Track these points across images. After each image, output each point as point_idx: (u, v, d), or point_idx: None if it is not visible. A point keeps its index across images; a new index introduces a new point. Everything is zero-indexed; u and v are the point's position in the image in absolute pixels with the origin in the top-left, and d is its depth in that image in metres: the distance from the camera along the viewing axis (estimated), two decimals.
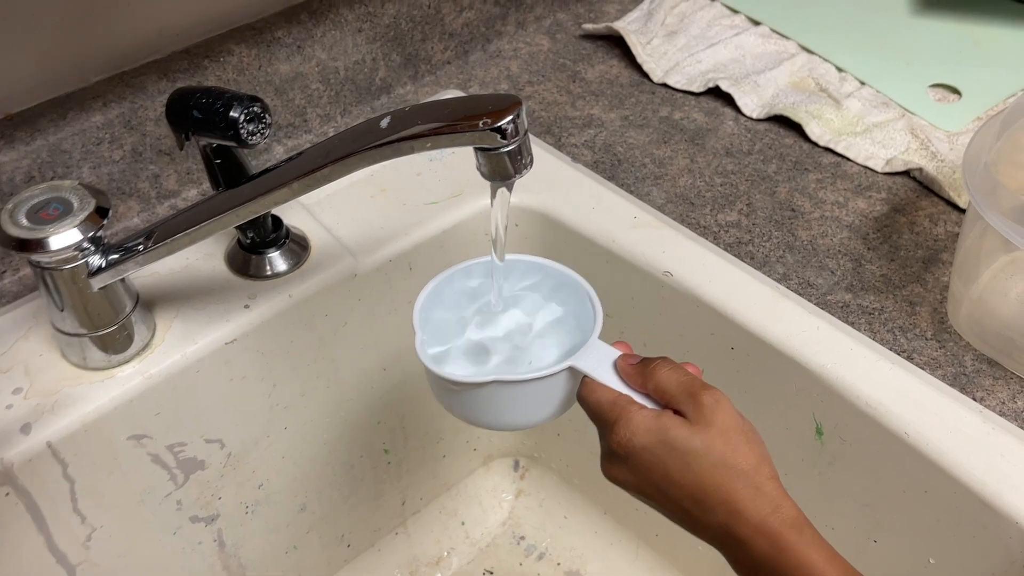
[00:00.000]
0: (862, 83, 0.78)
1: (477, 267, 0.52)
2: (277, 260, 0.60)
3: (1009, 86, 0.77)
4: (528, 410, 0.48)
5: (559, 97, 0.78)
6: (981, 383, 0.56)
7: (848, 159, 0.72)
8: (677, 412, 0.43)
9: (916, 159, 0.71)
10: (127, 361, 0.55)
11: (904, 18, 0.86)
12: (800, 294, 0.61)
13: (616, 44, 0.84)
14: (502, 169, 0.41)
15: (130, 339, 0.54)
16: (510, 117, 0.39)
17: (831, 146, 0.72)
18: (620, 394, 0.44)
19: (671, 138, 0.74)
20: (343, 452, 0.70)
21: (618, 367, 0.46)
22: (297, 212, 0.63)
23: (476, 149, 0.41)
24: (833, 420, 0.57)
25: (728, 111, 0.76)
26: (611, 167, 0.71)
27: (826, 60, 0.81)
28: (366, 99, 0.75)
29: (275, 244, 0.60)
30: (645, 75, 0.80)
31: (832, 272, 0.63)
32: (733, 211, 0.67)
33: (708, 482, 0.41)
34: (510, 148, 0.40)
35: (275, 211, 0.60)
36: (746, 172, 0.70)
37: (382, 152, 0.41)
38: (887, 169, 0.70)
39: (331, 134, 0.56)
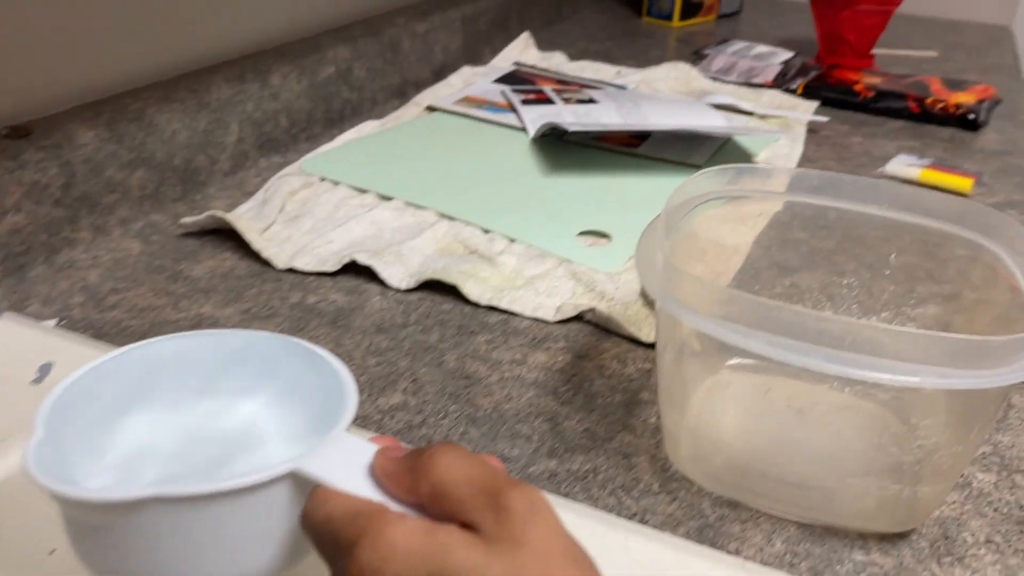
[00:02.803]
0: (512, 240, 0.71)
1: (143, 354, 0.35)
2: None
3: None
4: (226, 553, 0.28)
5: (156, 301, 0.61)
6: (730, 531, 0.45)
7: (515, 314, 0.62)
8: (466, 525, 0.26)
9: (585, 301, 0.63)
10: None
11: (535, 180, 0.83)
12: None
13: (229, 237, 0.70)
14: None
15: None
16: None
17: (494, 303, 0.63)
18: (367, 501, 0.27)
19: (307, 324, 0.59)
20: None
21: (374, 467, 0.28)
22: None
23: None
24: None
25: (372, 286, 0.65)
26: None
27: (469, 223, 0.73)
28: None
29: None
30: (266, 263, 0.66)
31: (528, 438, 0.50)
32: (396, 392, 0.53)
33: None
34: None
35: None
36: (404, 346, 0.58)
37: None
38: (559, 316, 0.62)
39: None
